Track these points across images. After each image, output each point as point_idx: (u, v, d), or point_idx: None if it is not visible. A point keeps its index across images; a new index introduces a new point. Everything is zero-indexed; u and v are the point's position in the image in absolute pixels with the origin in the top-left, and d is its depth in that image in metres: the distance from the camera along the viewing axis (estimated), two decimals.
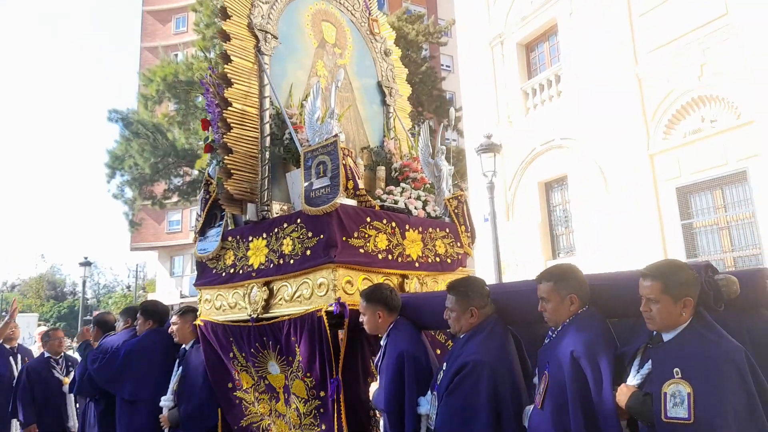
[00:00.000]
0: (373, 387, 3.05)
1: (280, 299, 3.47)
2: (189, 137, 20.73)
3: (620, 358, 2.29)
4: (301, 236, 3.34)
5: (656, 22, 10.33)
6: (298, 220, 3.40)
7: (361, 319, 3.08)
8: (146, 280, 42.84)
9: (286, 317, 3.35)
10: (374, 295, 3.06)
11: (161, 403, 3.98)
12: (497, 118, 14.01)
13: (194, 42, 21.06)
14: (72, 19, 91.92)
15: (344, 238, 3.28)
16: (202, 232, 4.04)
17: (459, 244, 4.27)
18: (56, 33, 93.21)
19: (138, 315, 4.51)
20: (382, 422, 3.03)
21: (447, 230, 4.19)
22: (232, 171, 3.76)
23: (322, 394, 3.19)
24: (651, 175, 10.26)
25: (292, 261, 3.37)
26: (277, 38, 4.21)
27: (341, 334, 3.23)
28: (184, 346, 4.11)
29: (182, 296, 34.02)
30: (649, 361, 2.16)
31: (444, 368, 2.65)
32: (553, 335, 2.46)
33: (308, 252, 3.30)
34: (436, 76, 20.71)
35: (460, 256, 4.26)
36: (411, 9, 21.65)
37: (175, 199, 23.30)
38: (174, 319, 4.12)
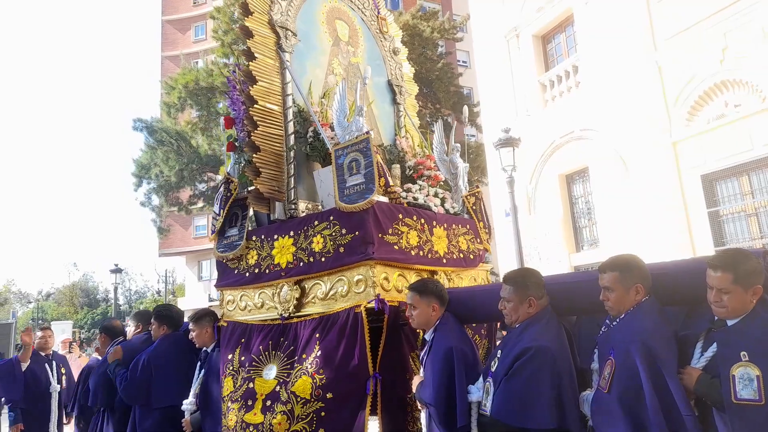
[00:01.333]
0: (416, 381, 3.04)
1: (313, 297, 3.45)
2: (212, 143, 21.06)
3: (682, 341, 2.37)
4: (334, 234, 3.33)
5: (674, 7, 10.14)
6: (331, 218, 3.38)
7: (409, 313, 3.08)
8: (175, 285, 43.63)
9: (319, 315, 3.33)
10: (427, 288, 3.08)
11: (183, 407, 3.95)
12: (515, 112, 13.90)
13: (214, 49, 21.37)
14: (94, 32, 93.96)
15: (380, 235, 3.28)
16: (222, 232, 3.98)
17: (479, 240, 4.30)
18: (82, 46, 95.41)
19: (152, 321, 4.45)
20: (423, 417, 3.02)
21: (468, 227, 4.22)
22: (260, 169, 3.72)
23: (329, 395, 3.12)
24: (674, 164, 10.08)
25: (323, 259, 3.36)
26: (296, 35, 4.20)
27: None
28: (205, 348, 4.09)
29: (210, 300, 34.50)
30: (714, 345, 2.24)
31: (499, 355, 2.67)
32: (612, 323, 2.51)
33: (341, 249, 3.29)
34: (452, 72, 20.63)
35: (480, 252, 4.30)
36: (425, 6, 21.57)
37: (200, 204, 23.70)
38: (191, 326, 4.10)
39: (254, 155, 3.73)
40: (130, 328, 4.78)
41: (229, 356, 3.70)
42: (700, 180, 9.69)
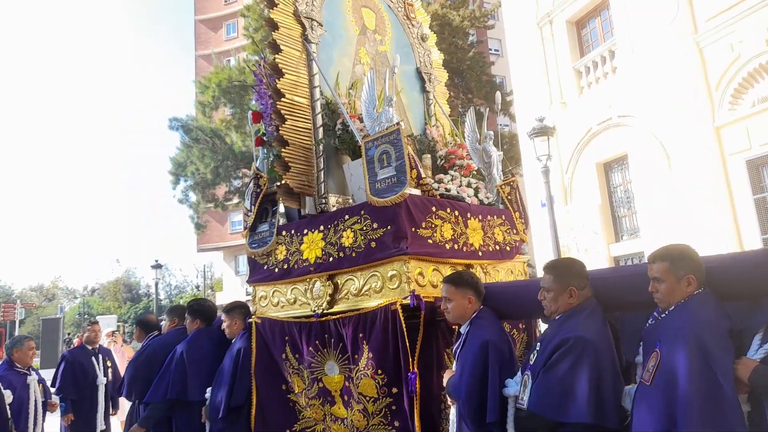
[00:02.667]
0: (448, 375, 2.97)
1: (346, 293, 3.39)
2: (245, 140, 21.38)
3: (739, 334, 2.28)
4: (365, 228, 3.27)
5: None
6: (362, 212, 3.32)
7: (444, 307, 3.01)
8: (213, 280, 44.57)
9: (355, 312, 3.26)
10: (463, 280, 3.01)
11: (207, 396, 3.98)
12: (550, 100, 13.62)
13: (245, 47, 21.64)
14: (130, 35, 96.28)
15: (413, 229, 3.20)
16: (253, 228, 3.94)
17: (515, 231, 4.18)
18: (122, 49, 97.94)
19: (186, 315, 4.45)
20: (452, 413, 2.96)
21: (503, 217, 4.10)
22: (289, 164, 3.68)
23: (394, 390, 3.09)
24: (718, 149, 9.72)
25: (354, 254, 3.30)
26: (322, 25, 4.09)
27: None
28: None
29: (248, 294, 35.14)
30: None
31: (538, 348, 2.60)
32: (660, 316, 2.41)
33: (373, 244, 3.23)
34: (484, 61, 20.36)
35: (517, 243, 4.18)
36: None
37: (236, 200, 24.13)
38: (223, 317, 4.08)
39: (283, 150, 3.67)
40: (166, 323, 4.82)
41: (282, 355, 3.67)
42: (746, 165, 9.32)
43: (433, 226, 3.37)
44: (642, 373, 2.34)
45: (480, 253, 3.73)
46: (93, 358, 6.52)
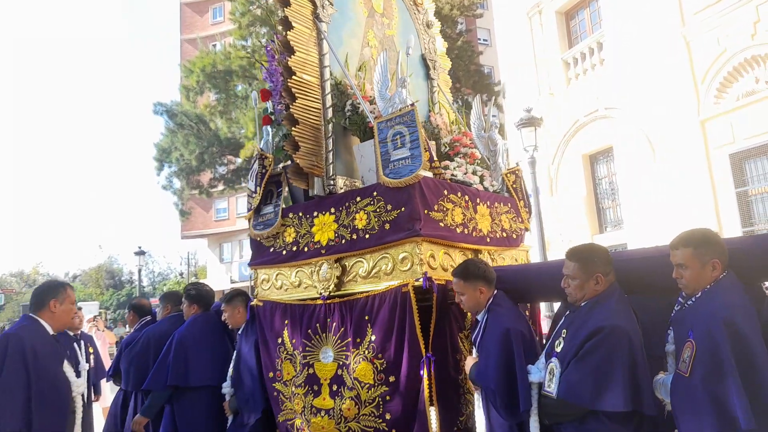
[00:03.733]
0: (470, 362, 2.94)
1: (354, 276, 3.34)
2: (231, 126, 21.15)
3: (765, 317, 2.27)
4: (378, 210, 3.23)
5: None
6: (375, 193, 3.27)
7: (458, 299, 3.00)
8: (197, 267, 44.30)
9: (364, 294, 3.22)
10: (471, 272, 2.97)
11: (223, 390, 3.89)
12: (538, 91, 13.65)
13: (231, 31, 21.33)
14: (114, 18, 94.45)
15: (426, 211, 3.16)
16: (257, 210, 3.85)
17: (520, 220, 4.17)
18: (104, 32, 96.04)
19: (182, 300, 4.36)
20: (477, 398, 2.92)
21: (509, 205, 4.08)
22: (299, 143, 3.59)
23: (391, 379, 3.05)
24: (702, 142, 9.83)
25: (367, 236, 3.25)
26: (333, 5, 4.01)
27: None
28: (240, 331, 3.98)
29: (232, 281, 35.02)
30: None
31: (564, 335, 2.54)
32: (687, 302, 2.39)
33: (387, 226, 3.18)
34: (473, 50, 20.29)
35: (521, 232, 4.17)
36: None
37: (221, 187, 23.93)
38: (223, 307, 4.00)
39: (293, 128, 3.58)
40: (159, 310, 4.73)
41: (279, 339, 3.62)
42: (729, 159, 9.44)
43: (444, 209, 3.33)
44: (678, 364, 2.31)
45: (488, 239, 3.70)
46: (75, 344, 6.44)
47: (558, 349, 2.53)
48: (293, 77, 3.64)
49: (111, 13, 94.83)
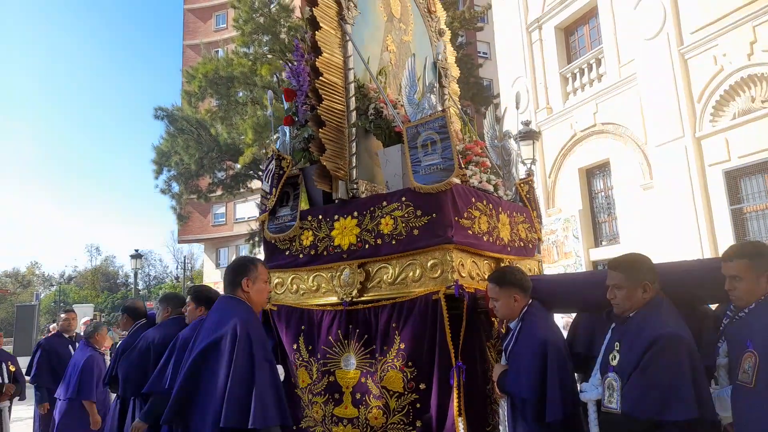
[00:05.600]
0: (498, 370, 2.89)
1: (379, 282, 3.25)
2: (231, 132, 21.23)
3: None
4: (407, 215, 3.16)
5: (701, 0, 9.94)
6: (403, 198, 3.20)
7: (492, 305, 2.95)
8: (193, 272, 44.21)
9: (390, 300, 3.13)
10: (507, 279, 2.93)
11: None
12: (536, 105, 13.77)
13: (234, 38, 21.47)
14: (117, 22, 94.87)
15: (456, 218, 3.10)
16: (272, 211, 3.73)
17: (533, 230, 4.14)
18: (106, 36, 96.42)
19: (188, 300, 4.16)
20: (502, 408, 2.87)
21: (524, 215, 4.04)
22: (325, 145, 3.50)
23: (422, 386, 2.97)
24: (698, 160, 9.92)
25: (394, 241, 3.18)
26: (356, 7, 3.94)
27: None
28: None
29: None
30: None
31: (618, 348, 2.46)
32: (739, 315, 2.38)
33: (416, 232, 3.11)
34: (472, 63, 20.49)
35: (536, 242, 4.14)
36: None
37: (219, 192, 23.96)
38: None
39: (321, 130, 3.51)
40: (159, 312, 4.54)
41: (294, 346, 3.51)
42: (724, 176, 9.52)
43: (472, 216, 3.28)
44: (737, 375, 2.27)
45: (509, 248, 3.67)
46: (69, 346, 6.44)
47: (614, 363, 2.45)
48: (320, 78, 3.59)
49: (114, 15, 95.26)
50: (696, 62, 10.02)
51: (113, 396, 4.85)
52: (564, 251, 12.63)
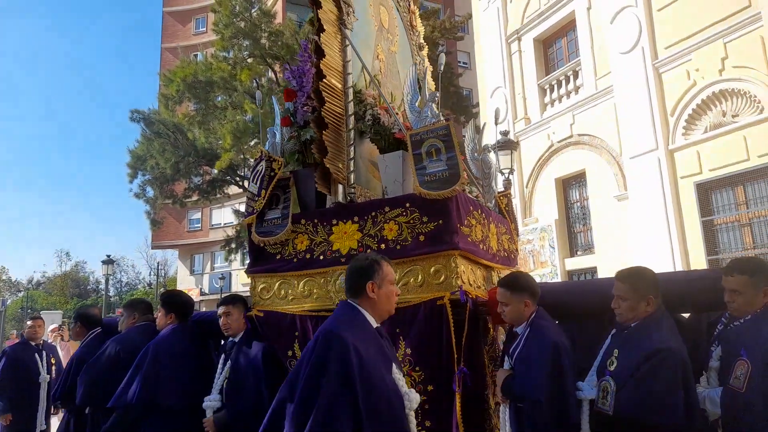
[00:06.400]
0: (502, 375, 2.92)
1: None
2: (209, 137, 21.02)
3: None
4: (412, 221, 3.19)
5: (675, 15, 10.18)
6: (407, 204, 3.23)
7: (500, 310, 3.00)
8: (167, 278, 43.48)
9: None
10: (519, 284, 2.99)
11: (205, 404, 3.44)
12: (515, 115, 13.94)
13: (213, 42, 21.32)
14: (94, 22, 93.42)
15: (459, 225, 3.16)
16: (261, 214, 3.62)
17: (513, 241, 4.23)
18: (80, 36, 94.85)
19: (159, 308, 3.94)
20: (504, 413, 2.88)
21: (505, 226, 4.13)
22: (327, 148, 3.49)
23: (429, 388, 3.01)
24: (671, 172, 10.13)
25: (398, 247, 3.19)
26: (354, 12, 3.97)
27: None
28: (231, 339, 3.58)
29: (202, 293, 34.47)
30: None
31: (616, 354, 2.63)
32: (733, 323, 2.59)
33: (422, 238, 3.14)
34: (452, 72, 20.66)
35: (516, 253, 4.23)
36: (426, 5, 21.59)
37: (195, 197, 23.65)
38: (225, 309, 3.56)
39: (324, 132, 3.50)
40: (123, 319, 4.25)
41: (289, 352, 3.44)
42: (695, 189, 9.74)
43: (471, 225, 3.35)
44: (728, 379, 2.47)
45: (497, 258, 3.74)
46: (36, 355, 6.23)
47: (611, 368, 2.60)
48: (323, 80, 3.58)
49: (89, 15, 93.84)
50: (670, 76, 10.26)
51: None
52: (540, 260, 12.75)
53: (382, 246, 3.24)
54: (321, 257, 3.43)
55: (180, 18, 36.44)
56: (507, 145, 10.86)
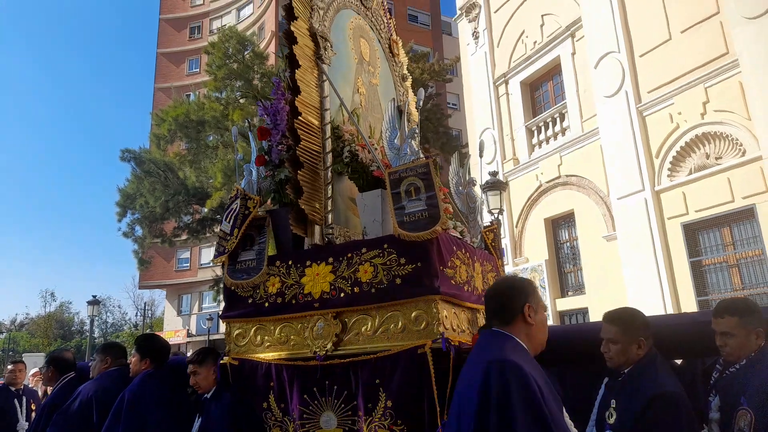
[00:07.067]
0: None
1: (356, 334, 3.09)
2: (199, 176, 21.06)
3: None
4: (389, 263, 3.04)
5: (657, 61, 10.48)
6: (385, 245, 3.07)
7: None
8: (153, 319, 42.72)
9: (371, 355, 2.97)
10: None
11: None
12: (503, 156, 14.12)
13: (206, 83, 21.62)
14: (89, 60, 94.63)
15: (441, 268, 3.00)
16: (233, 255, 3.47)
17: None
18: (74, 74, 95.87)
19: (133, 352, 3.78)
20: None
21: (491, 264, 3.95)
22: (303, 188, 3.37)
23: None
24: (658, 212, 10.23)
25: (373, 290, 3.03)
26: (332, 47, 3.92)
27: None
28: (205, 395, 3.48)
29: (189, 335, 33.84)
30: None
31: (614, 405, 2.47)
32: (729, 370, 2.45)
33: (398, 281, 2.98)
34: (442, 113, 21.01)
35: None
36: (416, 48, 22.11)
37: (184, 236, 23.50)
38: (192, 368, 3.48)
39: (299, 172, 3.38)
40: (96, 363, 4.05)
41: (264, 404, 3.26)
42: (682, 229, 9.81)
43: (454, 266, 3.18)
44: (734, 430, 2.33)
45: (483, 299, 3.61)
46: (15, 400, 6.03)
47: (611, 422, 2.44)
48: (298, 117, 3.48)
49: (83, 53, 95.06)
50: (654, 119, 10.48)
51: None
52: None
53: (356, 289, 3.08)
54: (293, 301, 3.26)
55: (173, 59, 37.03)
56: (496, 185, 10.95)
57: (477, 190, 4.42)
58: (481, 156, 4.61)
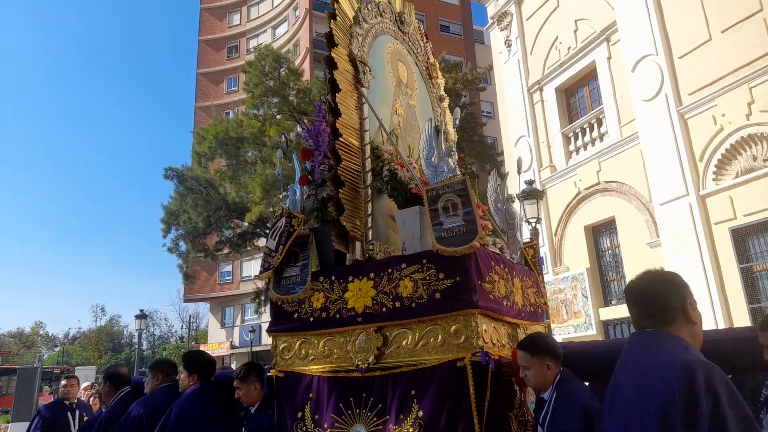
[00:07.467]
0: None
1: (397, 347, 3.15)
2: (239, 191, 21.56)
3: None
4: (428, 278, 3.10)
5: (697, 62, 10.19)
6: (424, 261, 3.15)
7: (523, 374, 2.88)
8: (198, 331, 43.70)
9: (411, 368, 3.03)
10: (539, 346, 2.87)
11: None
12: (540, 163, 13.94)
13: (244, 100, 22.17)
14: (131, 84, 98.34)
15: (479, 282, 3.05)
16: (278, 271, 3.62)
17: (540, 294, 4.09)
18: (119, 98, 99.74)
19: (181, 369, 3.96)
20: None
21: (532, 279, 4.00)
22: (344, 206, 3.51)
23: None
24: (704, 218, 9.90)
25: (414, 305, 3.10)
26: (371, 71, 4.10)
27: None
28: (250, 408, 3.65)
29: (233, 347, 34.46)
30: None
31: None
32: None
33: (437, 295, 3.04)
34: (476, 122, 20.92)
35: (543, 307, 4.07)
36: (448, 58, 22.12)
37: (226, 250, 24.07)
38: (236, 383, 3.65)
39: (340, 190, 3.52)
40: (148, 380, 4.26)
41: (299, 414, 3.35)
42: (731, 235, 9.47)
43: (493, 280, 3.23)
44: None
45: (522, 314, 3.60)
46: (69, 414, 6.28)
47: None
48: (339, 139, 3.63)
49: (126, 76, 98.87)
50: (696, 122, 10.18)
51: None
52: (573, 311, 12.43)
53: (397, 304, 3.16)
54: (337, 315, 3.36)
55: (213, 78, 38.12)
56: (532, 194, 10.79)
57: (516, 206, 4.42)
58: (519, 173, 4.62)
